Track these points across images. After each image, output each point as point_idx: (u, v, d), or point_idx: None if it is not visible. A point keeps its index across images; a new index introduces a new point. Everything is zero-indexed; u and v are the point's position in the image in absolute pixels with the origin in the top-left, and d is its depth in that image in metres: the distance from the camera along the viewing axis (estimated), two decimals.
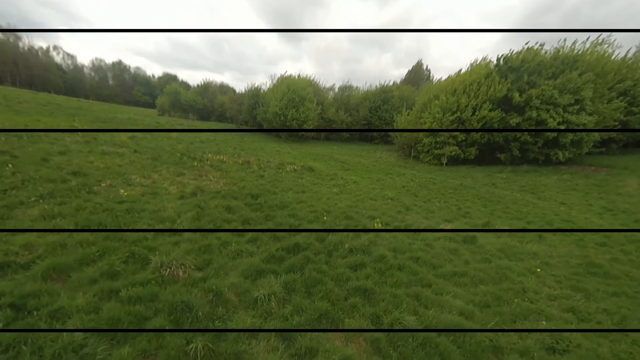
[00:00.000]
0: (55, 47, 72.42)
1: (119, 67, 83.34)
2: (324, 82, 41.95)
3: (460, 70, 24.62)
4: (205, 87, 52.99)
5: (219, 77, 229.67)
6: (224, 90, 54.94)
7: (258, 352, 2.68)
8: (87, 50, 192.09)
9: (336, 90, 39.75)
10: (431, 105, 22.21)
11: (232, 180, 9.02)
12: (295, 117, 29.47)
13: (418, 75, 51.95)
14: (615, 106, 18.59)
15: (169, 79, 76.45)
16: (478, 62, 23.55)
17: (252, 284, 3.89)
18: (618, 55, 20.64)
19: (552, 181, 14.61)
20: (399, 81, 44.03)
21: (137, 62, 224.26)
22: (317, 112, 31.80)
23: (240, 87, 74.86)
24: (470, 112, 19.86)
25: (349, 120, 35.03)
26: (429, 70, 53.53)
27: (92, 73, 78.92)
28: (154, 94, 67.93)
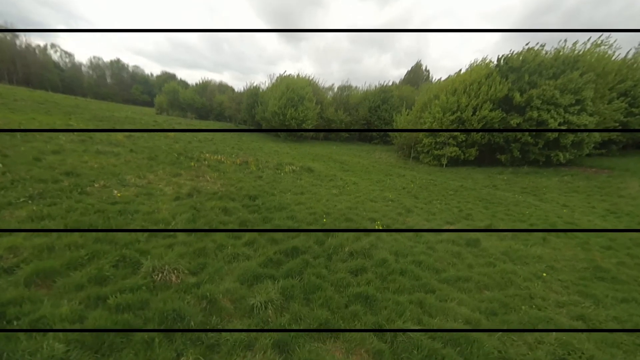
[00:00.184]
0: (52, 46, 71.90)
1: (117, 66, 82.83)
2: (323, 82, 41.80)
3: (460, 70, 24.53)
4: (204, 86, 52.64)
5: (218, 76, 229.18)
6: (223, 89, 54.62)
7: None
8: (86, 49, 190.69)
9: (335, 90, 39.60)
10: (431, 105, 22.07)
11: (230, 181, 8.83)
12: (294, 116, 29.25)
13: (417, 75, 51.93)
14: (616, 107, 18.51)
15: (168, 78, 76.02)
16: (478, 63, 23.45)
17: (248, 289, 3.72)
18: (618, 56, 20.59)
19: (553, 183, 14.47)
20: (398, 81, 43.92)
21: (136, 62, 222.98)
22: (316, 111, 31.60)
23: (240, 86, 74.58)
24: (471, 112, 19.73)
25: (348, 120, 34.84)
26: (428, 71, 53.57)
27: (90, 71, 78.36)
28: (153, 93, 67.47)
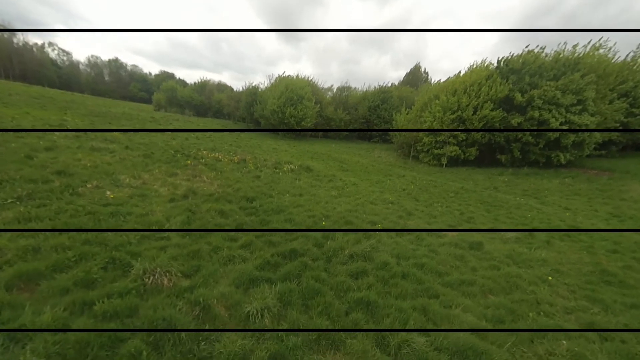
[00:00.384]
0: (50, 44, 71.17)
1: (115, 65, 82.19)
2: (322, 82, 41.53)
3: (460, 72, 24.42)
4: (203, 85, 52.27)
5: (217, 76, 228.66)
6: (222, 88, 54.26)
7: None
8: (84, 48, 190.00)
9: (334, 91, 39.37)
10: (431, 104, 21.94)
11: (227, 182, 8.63)
12: (294, 114, 29.07)
13: (416, 77, 51.86)
14: (617, 107, 18.43)
15: (166, 77, 75.62)
16: (478, 65, 23.35)
17: (244, 294, 3.55)
18: (618, 58, 20.51)
19: (554, 185, 14.34)
20: (397, 83, 43.76)
21: (135, 61, 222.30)
22: (316, 110, 31.42)
23: (239, 86, 74.07)
24: (471, 111, 19.60)
25: (347, 119, 34.65)
26: (427, 73, 53.52)
27: (87, 69, 77.77)
28: (151, 91, 66.84)
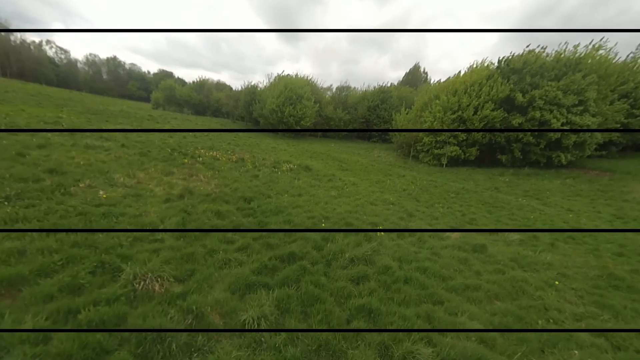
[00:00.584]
0: (48, 42, 70.65)
1: (113, 63, 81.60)
2: (321, 82, 41.30)
3: (460, 72, 24.27)
4: (201, 84, 51.93)
5: (216, 75, 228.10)
6: (221, 87, 53.93)
7: None
8: (82, 46, 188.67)
9: (334, 91, 39.19)
10: (432, 104, 21.80)
11: (225, 181, 8.45)
12: (293, 113, 28.88)
13: (415, 77, 51.74)
14: (618, 108, 18.34)
15: (165, 76, 75.18)
16: (478, 64, 23.21)
17: (239, 300, 3.39)
18: (619, 59, 20.40)
19: (556, 186, 14.22)
20: (397, 83, 43.61)
21: (133, 60, 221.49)
22: (315, 109, 31.24)
23: (238, 86, 73.61)
24: (472, 111, 19.46)
25: (347, 118, 34.49)
26: (426, 73, 53.40)
27: (85, 67, 77.20)
28: (149, 90, 66.42)
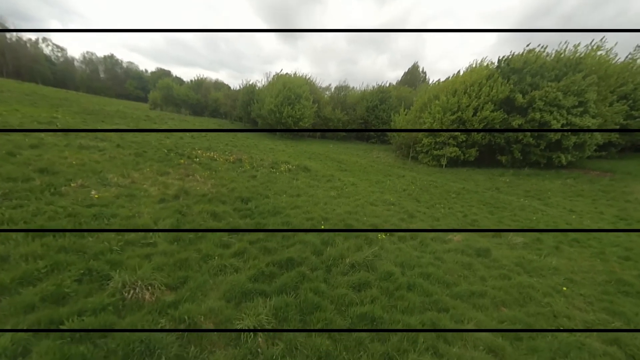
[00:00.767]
0: (44, 39, 69.99)
1: (110, 61, 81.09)
2: (320, 81, 41.17)
3: (459, 71, 24.18)
4: (199, 83, 51.66)
5: (214, 74, 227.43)
6: (219, 87, 53.67)
7: None
8: (79, 44, 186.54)
9: (332, 90, 39.04)
10: (431, 105, 21.67)
11: (221, 181, 8.27)
12: (291, 114, 28.69)
13: (414, 77, 51.69)
14: (618, 109, 18.27)
15: (163, 74, 74.66)
16: (478, 64, 23.11)
17: (235, 309, 3.20)
18: (618, 60, 20.34)
19: (557, 186, 14.13)
20: (395, 83, 43.54)
21: (130, 58, 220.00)
22: (313, 110, 31.07)
23: (236, 85, 73.52)
24: (472, 112, 19.35)
25: (345, 119, 34.36)
26: (425, 73, 53.35)
27: (82, 66, 76.62)
28: (147, 89, 66.02)
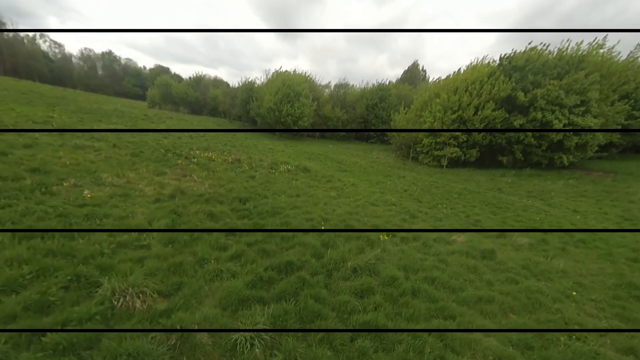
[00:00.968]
0: (42, 35, 69.50)
1: (108, 58, 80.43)
2: (320, 79, 40.89)
3: (460, 69, 23.95)
4: (198, 80, 51.37)
5: (213, 72, 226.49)
6: (218, 84, 53.37)
7: None
8: (77, 40, 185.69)
9: (332, 88, 38.82)
10: (432, 103, 21.47)
11: (219, 182, 8.08)
12: (290, 112, 28.45)
13: (414, 75, 51.39)
14: (619, 109, 18.11)
15: (161, 71, 74.16)
16: (479, 61, 22.89)
17: (231, 317, 3.03)
18: (620, 58, 20.19)
19: (559, 186, 14.00)
20: (395, 81, 43.31)
21: (129, 55, 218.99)
22: (313, 108, 30.83)
23: (235, 82, 72.92)
24: (473, 111, 19.17)
25: (345, 118, 34.13)
26: (424, 71, 53.06)
27: (80, 62, 75.93)
28: (145, 86, 65.61)
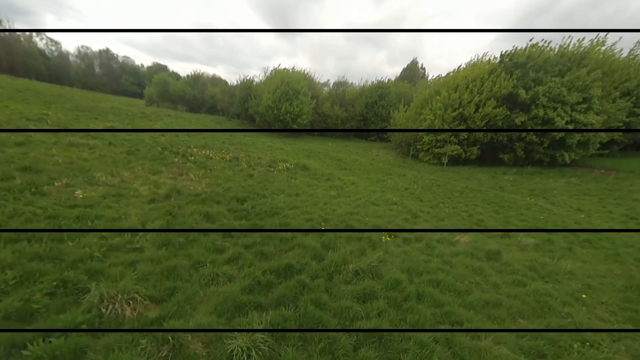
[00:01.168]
0: (38, 33, 68.89)
1: (106, 56, 79.75)
2: (318, 77, 40.67)
3: (460, 66, 23.72)
4: (196, 78, 50.95)
5: (211, 69, 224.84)
6: (216, 82, 52.99)
7: None
8: (74, 37, 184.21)
9: (331, 86, 38.57)
10: (432, 101, 21.27)
11: (217, 180, 7.89)
12: (289, 110, 28.21)
13: (413, 73, 51.17)
14: (621, 106, 17.96)
15: (159, 69, 73.56)
16: (480, 59, 22.67)
17: (227, 325, 2.86)
18: (622, 55, 20.02)
19: (561, 184, 13.85)
20: (394, 79, 43.07)
21: (126, 52, 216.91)
22: (312, 106, 30.58)
23: (233, 80, 72.47)
24: (473, 108, 18.98)
25: (344, 116, 33.90)
26: (424, 69, 52.83)
27: (77, 60, 75.31)
28: (143, 84, 65.13)
